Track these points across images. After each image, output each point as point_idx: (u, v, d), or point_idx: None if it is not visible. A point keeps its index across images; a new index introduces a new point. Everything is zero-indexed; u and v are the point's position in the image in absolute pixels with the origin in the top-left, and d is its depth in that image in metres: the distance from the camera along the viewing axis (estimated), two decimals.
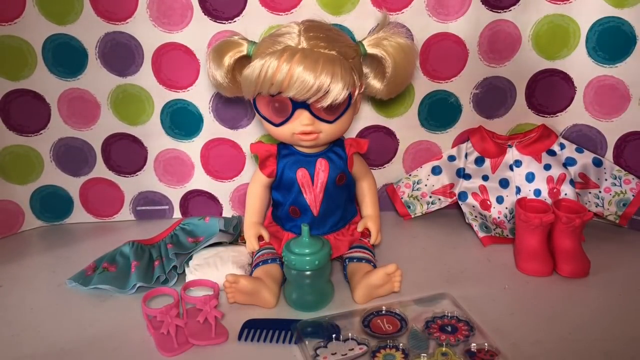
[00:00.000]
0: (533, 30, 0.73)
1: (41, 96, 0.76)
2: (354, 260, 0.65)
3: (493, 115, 0.79)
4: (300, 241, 0.59)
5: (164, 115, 0.78)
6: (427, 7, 0.72)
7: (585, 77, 0.74)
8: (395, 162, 0.82)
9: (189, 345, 0.54)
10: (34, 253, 0.76)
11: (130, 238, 0.72)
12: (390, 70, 0.63)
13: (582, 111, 0.76)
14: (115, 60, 0.74)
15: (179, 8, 0.71)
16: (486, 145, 0.79)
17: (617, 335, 0.53)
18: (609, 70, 0.72)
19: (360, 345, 0.52)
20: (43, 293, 0.65)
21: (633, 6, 0.68)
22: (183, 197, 0.83)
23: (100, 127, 0.78)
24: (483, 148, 0.79)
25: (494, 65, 0.75)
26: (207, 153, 0.80)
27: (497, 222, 0.77)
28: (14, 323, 0.59)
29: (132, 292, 0.64)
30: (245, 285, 0.59)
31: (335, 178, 0.65)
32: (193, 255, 0.68)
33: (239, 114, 0.78)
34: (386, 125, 0.80)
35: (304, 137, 0.62)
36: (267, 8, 0.71)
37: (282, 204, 0.68)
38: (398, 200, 0.82)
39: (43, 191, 0.82)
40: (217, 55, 0.63)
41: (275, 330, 0.55)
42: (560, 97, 0.77)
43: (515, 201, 0.70)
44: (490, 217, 0.77)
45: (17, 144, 0.78)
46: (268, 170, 0.66)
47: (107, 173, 0.81)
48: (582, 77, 0.74)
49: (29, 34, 0.72)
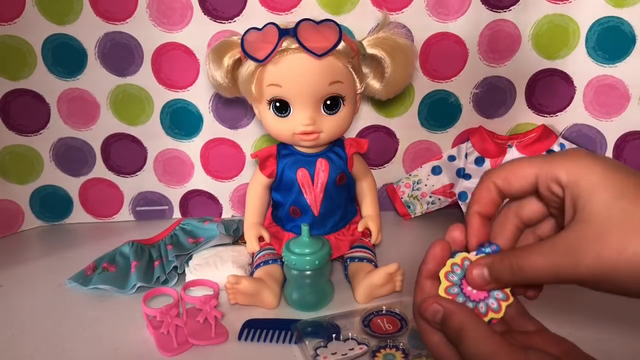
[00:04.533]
0: (533, 30, 0.73)
1: (41, 96, 0.76)
2: (355, 260, 0.65)
3: (493, 115, 0.79)
4: (300, 241, 0.59)
5: (163, 115, 0.78)
6: (427, 7, 0.72)
7: (585, 76, 0.74)
8: (395, 162, 0.82)
9: (188, 345, 0.54)
10: (33, 253, 0.76)
11: (130, 238, 0.71)
12: (389, 71, 0.63)
13: (581, 111, 0.76)
14: (115, 60, 0.74)
15: (178, 8, 0.71)
16: (486, 145, 0.79)
17: (617, 335, 0.53)
18: (608, 69, 0.72)
19: (360, 345, 0.52)
20: (43, 293, 0.65)
21: (633, 6, 0.68)
22: (183, 197, 0.83)
23: (99, 127, 0.78)
24: (483, 148, 0.79)
25: (494, 65, 0.76)
26: (207, 153, 0.80)
27: None
28: (14, 323, 0.59)
29: (132, 292, 0.64)
30: (247, 286, 0.59)
31: (336, 178, 0.65)
32: (193, 255, 0.68)
33: (239, 114, 0.78)
34: (386, 125, 0.80)
35: (304, 137, 0.62)
36: (267, 8, 0.71)
37: (283, 204, 0.68)
38: (398, 200, 0.82)
39: (43, 191, 0.82)
40: (217, 55, 0.63)
41: (276, 330, 0.55)
42: (560, 96, 0.77)
43: None
44: None
45: (16, 143, 0.78)
46: (268, 170, 0.66)
47: (106, 173, 0.81)
48: (582, 77, 0.74)
49: (29, 33, 0.72)
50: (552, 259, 0.29)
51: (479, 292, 0.33)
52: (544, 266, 0.29)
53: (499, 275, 0.32)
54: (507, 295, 0.33)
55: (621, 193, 0.28)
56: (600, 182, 0.28)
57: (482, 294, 0.33)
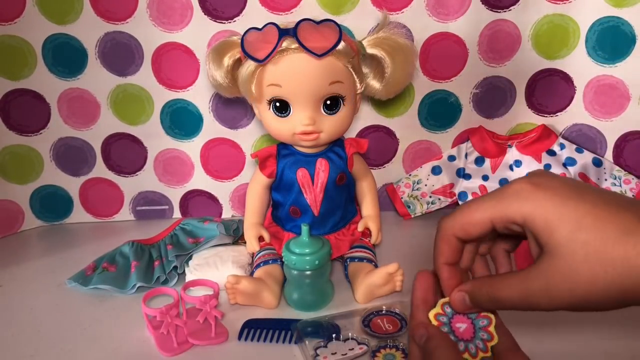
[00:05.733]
0: (533, 30, 0.73)
1: (41, 96, 0.76)
2: (355, 260, 0.65)
3: (493, 115, 0.79)
4: (300, 241, 0.59)
5: (163, 115, 0.78)
6: (427, 7, 0.72)
7: (585, 76, 0.74)
8: (395, 162, 0.82)
9: (188, 345, 0.54)
10: (33, 253, 0.76)
11: (130, 238, 0.71)
12: (389, 71, 0.63)
13: (581, 111, 0.76)
14: (115, 60, 0.74)
15: (178, 8, 0.71)
16: (486, 145, 0.79)
17: (617, 335, 0.53)
18: (608, 69, 0.72)
19: (360, 345, 0.52)
20: (43, 293, 0.65)
21: (632, 6, 0.68)
22: (183, 197, 0.83)
23: (100, 127, 0.78)
24: (483, 148, 0.79)
25: (494, 65, 0.76)
26: (207, 153, 0.80)
27: None
28: (14, 323, 0.59)
29: (132, 292, 0.64)
30: (247, 286, 0.59)
31: (336, 178, 0.65)
32: (193, 255, 0.68)
33: (239, 114, 0.78)
34: (386, 125, 0.80)
35: (304, 137, 0.62)
36: (267, 8, 0.71)
37: (283, 204, 0.68)
38: (398, 200, 0.82)
39: (43, 191, 0.82)
40: (217, 55, 0.63)
41: (275, 330, 0.55)
42: (560, 96, 0.77)
43: None
44: None
45: (17, 143, 0.78)
46: (268, 170, 0.66)
47: (107, 173, 0.81)
48: (582, 77, 0.74)
49: (29, 33, 0.72)
50: (527, 293, 0.31)
51: (466, 331, 0.36)
52: (519, 298, 0.31)
53: (478, 302, 0.35)
54: (492, 336, 0.36)
55: (578, 225, 0.28)
56: (556, 218, 0.29)
57: (469, 333, 0.36)
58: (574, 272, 0.28)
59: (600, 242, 0.28)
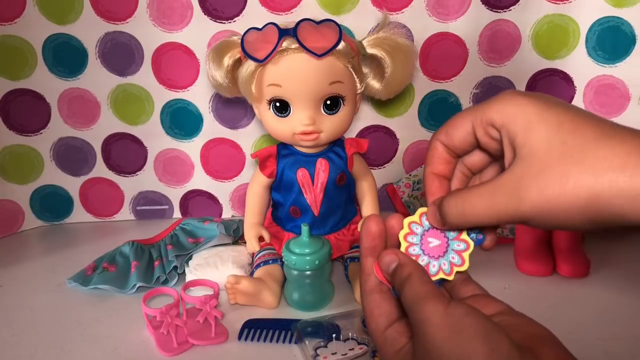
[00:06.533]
0: (533, 30, 0.73)
1: (41, 96, 0.76)
2: (355, 260, 0.65)
3: None
4: (300, 241, 0.59)
5: (164, 115, 0.78)
6: (427, 7, 0.72)
7: (585, 76, 0.74)
8: (395, 162, 0.82)
9: (188, 345, 0.54)
10: (34, 253, 0.76)
11: (130, 238, 0.71)
12: (389, 71, 0.63)
13: None
14: (115, 60, 0.74)
15: (178, 8, 0.71)
16: None
17: (617, 335, 0.53)
18: (608, 69, 0.72)
19: (360, 345, 0.52)
20: (43, 293, 0.65)
21: (633, 6, 0.68)
22: (183, 197, 0.83)
23: (100, 127, 0.78)
24: None
25: (494, 65, 0.76)
26: (207, 153, 0.80)
27: None
28: (14, 323, 0.59)
29: (132, 292, 0.64)
30: (247, 286, 0.59)
31: (336, 178, 0.65)
32: (193, 255, 0.68)
33: (239, 114, 0.78)
34: (386, 125, 0.80)
35: (304, 137, 0.62)
36: (267, 8, 0.71)
37: (283, 204, 0.68)
38: (398, 200, 0.82)
39: (43, 191, 0.82)
40: (217, 55, 0.63)
41: (276, 330, 0.55)
42: (560, 96, 0.76)
43: None
44: None
45: (17, 143, 0.78)
46: (268, 170, 0.66)
47: (107, 173, 0.81)
48: (582, 77, 0.74)
49: (29, 33, 0.72)
50: (495, 201, 0.29)
51: (438, 247, 0.34)
52: (487, 206, 0.30)
53: (446, 216, 0.33)
54: (463, 261, 0.34)
55: (559, 126, 0.28)
56: (537, 118, 0.28)
57: (441, 249, 0.34)
58: (547, 169, 0.27)
59: (579, 142, 0.27)
